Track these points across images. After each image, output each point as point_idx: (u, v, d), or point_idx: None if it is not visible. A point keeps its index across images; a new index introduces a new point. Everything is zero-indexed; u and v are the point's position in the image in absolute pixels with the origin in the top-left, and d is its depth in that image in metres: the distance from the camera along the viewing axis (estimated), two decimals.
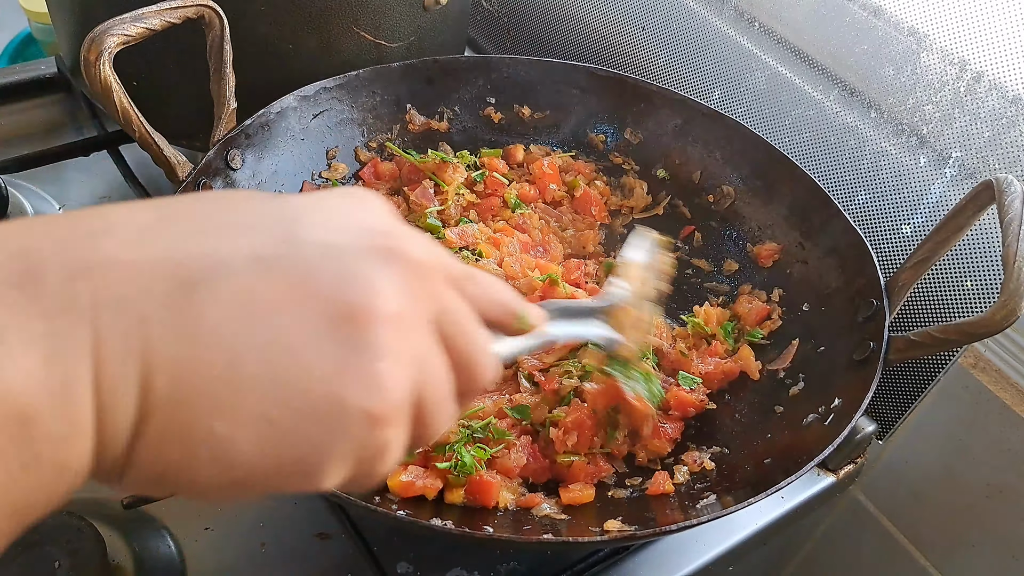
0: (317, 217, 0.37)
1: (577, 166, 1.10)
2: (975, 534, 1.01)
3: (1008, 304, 0.68)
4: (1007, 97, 0.88)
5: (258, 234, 0.35)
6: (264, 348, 0.33)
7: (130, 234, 0.32)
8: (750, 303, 0.96)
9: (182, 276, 0.32)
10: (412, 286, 0.37)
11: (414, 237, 0.39)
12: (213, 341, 0.32)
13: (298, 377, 0.34)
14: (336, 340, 0.34)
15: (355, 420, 0.35)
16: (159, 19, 0.78)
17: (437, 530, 0.67)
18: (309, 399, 0.34)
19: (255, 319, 0.33)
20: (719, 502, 0.73)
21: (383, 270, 0.36)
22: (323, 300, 0.34)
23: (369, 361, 0.35)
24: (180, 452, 0.33)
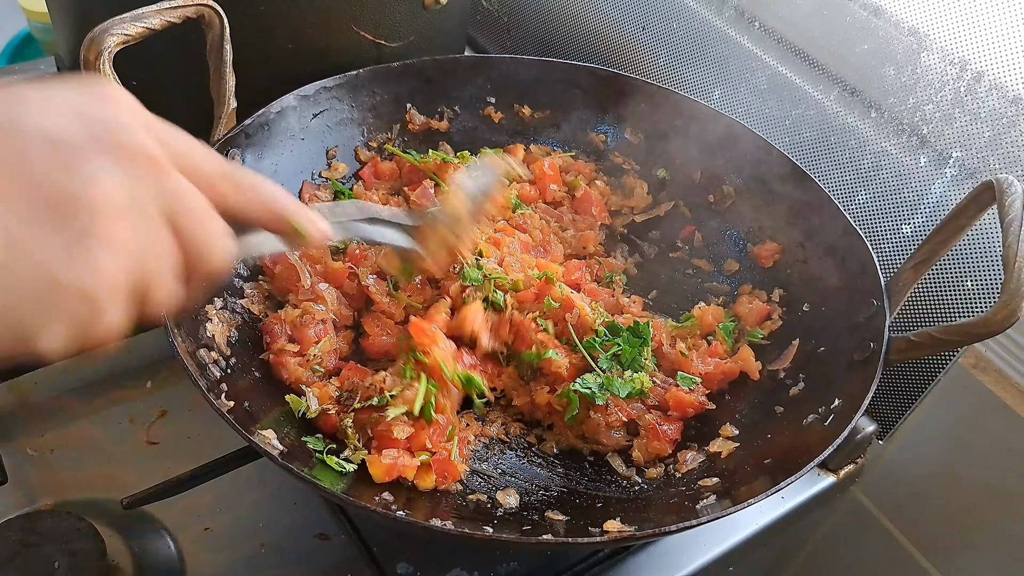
0: (42, 109, 0.40)
1: (577, 166, 1.10)
2: (976, 534, 1.01)
3: (1009, 305, 0.68)
4: (1007, 97, 0.88)
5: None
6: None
7: None
8: (750, 303, 0.96)
9: None
10: (133, 176, 0.41)
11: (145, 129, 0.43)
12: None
13: (15, 261, 0.38)
14: (53, 227, 0.38)
15: (73, 296, 0.40)
16: (159, 19, 0.78)
17: (436, 531, 0.67)
18: (27, 280, 0.38)
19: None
20: (719, 503, 0.73)
21: (101, 161, 0.40)
22: (37, 187, 0.38)
23: (85, 247, 0.39)
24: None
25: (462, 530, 0.69)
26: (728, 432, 0.85)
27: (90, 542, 0.75)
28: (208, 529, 0.83)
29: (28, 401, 0.92)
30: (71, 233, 0.39)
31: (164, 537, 0.82)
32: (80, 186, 0.39)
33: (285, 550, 0.82)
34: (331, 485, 0.70)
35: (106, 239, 0.40)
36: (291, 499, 0.86)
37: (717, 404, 0.89)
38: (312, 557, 0.82)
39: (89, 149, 0.40)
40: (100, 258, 0.40)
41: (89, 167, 0.40)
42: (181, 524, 0.83)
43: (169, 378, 0.94)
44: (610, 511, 0.75)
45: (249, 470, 0.80)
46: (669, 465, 0.83)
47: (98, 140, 0.40)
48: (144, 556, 0.80)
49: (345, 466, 0.75)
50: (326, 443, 0.78)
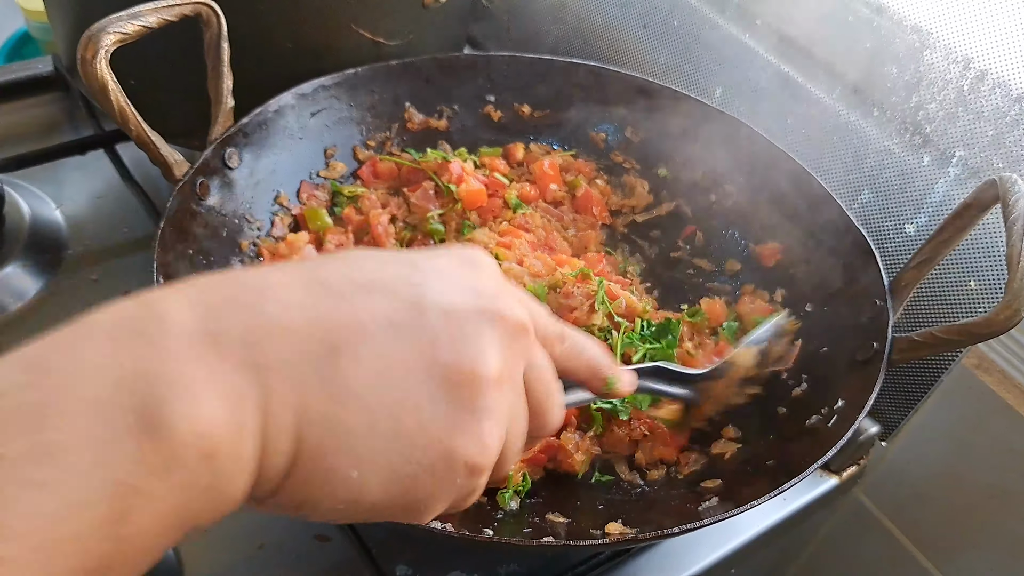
0: (438, 282, 0.43)
1: (578, 165, 1.10)
2: (979, 536, 1.00)
3: (1012, 304, 0.68)
4: (1011, 95, 0.88)
5: (390, 299, 0.41)
6: (394, 407, 0.40)
7: (288, 300, 0.39)
8: (752, 303, 0.95)
9: (330, 342, 0.39)
10: (510, 345, 0.44)
11: (514, 296, 0.47)
12: (354, 401, 0.39)
13: (420, 434, 0.41)
14: (450, 402, 0.41)
15: (461, 471, 0.42)
16: (156, 17, 0.77)
17: (437, 533, 0.67)
18: (427, 453, 0.41)
19: (388, 382, 0.40)
20: (721, 504, 0.72)
21: (488, 334, 0.43)
22: (441, 366, 0.41)
23: (477, 421, 0.42)
24: (320, 490, 0.40)
25: (462, 532, 0.69)
26: (730, 433, 0.84)
27: None
28: (206, 530, 0.82)
29: None
30: (463, 407, 0.42)
31: None
32: (472, 360, 0.42)
33: (284, 551, 0.82)
34: None
35: (490, 410, 0.43)
36: None
37: None
38: (311, 558, 0.81)
39: (477, 322, 0.43)
40: (487, 430, 0.43)
41: (479, 340, 0.43)
42: None
43: None
44: (611, 513, 0.75)
45: None
46: (671, 467, 0.82)
47: (482, 312, 0.43)
48: None
49: None
50: None
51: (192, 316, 0.37)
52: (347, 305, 0.40)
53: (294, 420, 0.38)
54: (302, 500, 0.41)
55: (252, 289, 0.39)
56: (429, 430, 0.41)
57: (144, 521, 0.34)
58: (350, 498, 0.40)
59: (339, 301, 0.40)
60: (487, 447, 0.43)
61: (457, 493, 0.44)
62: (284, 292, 0.39)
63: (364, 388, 0.39)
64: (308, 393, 0.38)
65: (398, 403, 0.40)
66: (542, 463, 0.79)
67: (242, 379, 0.36)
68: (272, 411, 0.37)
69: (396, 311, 0.41)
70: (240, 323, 0.37)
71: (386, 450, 0.40)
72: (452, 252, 0.47)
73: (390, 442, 0.40)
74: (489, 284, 0.45)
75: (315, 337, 0.39)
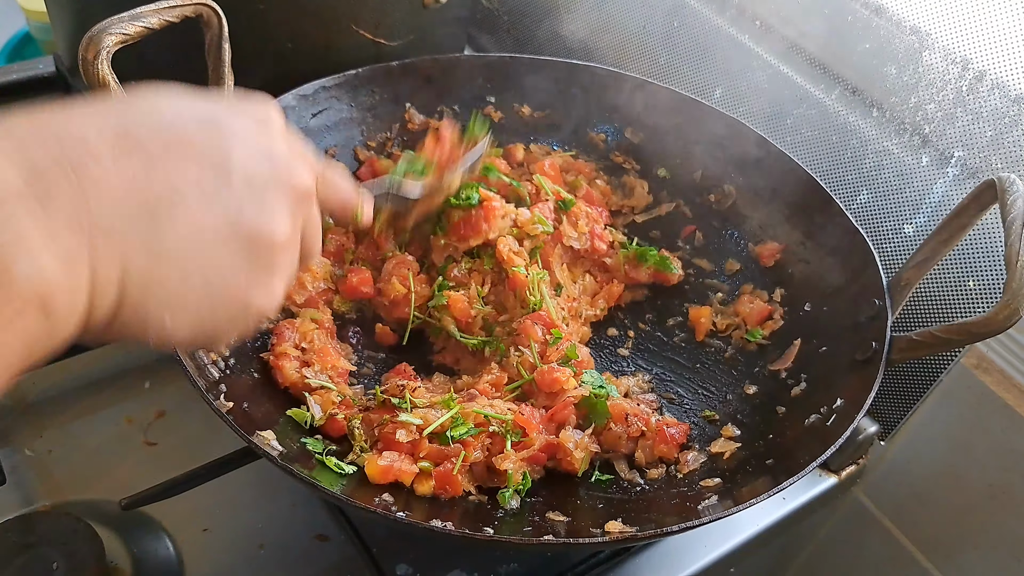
0: (240, 148, 0.49)
1: (577, 165, 1.10)
2: (978, 535, 1.00)
3: (1011, 304, 0.68)
4: (1009, 96, 0.88)
5: (199, 164, 0.47)
6: (204, 266, 0.47)
7: (107, 159, 0.43)
8: (751, 303, 0.96)
9: (150, 206, 0.44)
10: (297, 209, 0.52)
11: (300, 158, 0.54)
12: (171, 260, 0.45)
13: (223, 289, 0.48)
14: (249, 262, 0.49)
15: (253, 315, 0.52)
16: (157, 18, 0.77)
17: (437, 532, 0.67)
18: (228, 304, 0.49)
19: (200, 245, 0.46)
20: (721, 503, 0.73)
21: (282, 202, 0.51)
22: (244, 232, 0.48)
23: (269, 278, 0.51)
24: (139, 329, 0.46)
25: (463, 531, 0.69)
26: (730, 432, 0.84)
27: (88, 543, 0.74)
28: (207, 530, 0.83)
29: (26, 402, 0.92)
30: (260, 265, 0.50)
31: (163, 538, 0.81)
32: (269, 227, 0.50)
33: (284, 551, 0.82)
34: (330, 486, 0.69)
35: (281, 268, 0.51)
36: (290, 500, 0.85)
37: (719, 405, 0.88)
38: (311, 558, 0.81)
39: (274, 190, 0.50)
40: (276, 284, 0.52)
41: (275, 208, 0.50)
42: (180, 525, 0.82)
43: (167, 378, 0.94)
44: (611, 512, 0.75)
45: (248, 471, 0.80)
46: (670, 465, 0.82)
47: (278, 181, 0.50)
48: (143, 557, 0.79)
49: (345, 468, 0.75)
50: (326, 444, 0.77)
51: (18, 176, 0.39)
52: (161, 169, 0.45)
53: (118, 275, 0.43)
54: (124, 335, 0.47)
55: (72, 145, 0.42)
56: (231, 286, 0.49)
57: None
58: (162, 337, 0.48)
59: (153, 163, 0.45)
60: (275, 296, 0.52)
61: (244, 328, 0.53)
62: (102, 148, 0.43)
63: (179, 249, 0.46)
64: (131, 252, 0.44)
65: (208, 263, 0.47)
66: (542, 462, 0.79)
67: (73, 239, 0.41)
68: (99, 268, 0.42)
69: (206, 178, 0.47)
70: (66, 183, 0.41)
71: (196, 302, 0.47)
72: (247, 111, 0.52)
73: (199, 295, 0.47)
74: (281, 147, 0.52)
75: (135, 200, 0.44)
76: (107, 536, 0.77)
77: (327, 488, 0.68)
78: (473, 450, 0.76)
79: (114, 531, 0.80)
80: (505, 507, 0.75)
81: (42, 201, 0.40)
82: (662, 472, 0.82)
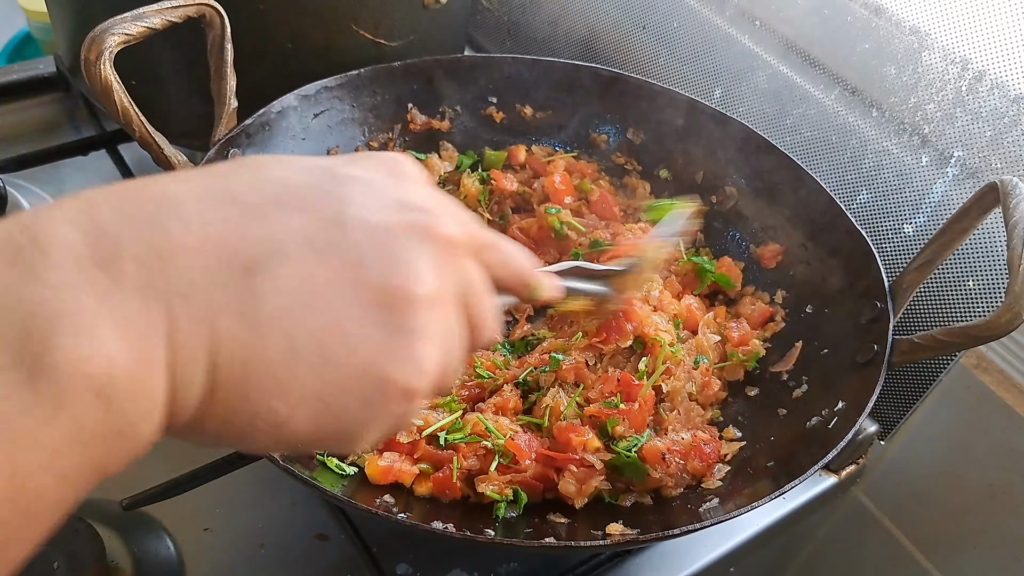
0: (360, 196, 0.39)
1: (580, 167, 1.10)
2: (977, 535, 1.00)
3: (1013, 308, 0.68)
4: (1009, 96, 0.88)
5: (308, 215, 0.37)
6: (318, 333, 0.36)
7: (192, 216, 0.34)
8: (753, 304, 0.96)
9: (243, 261, 0.35)
10: (443, 264, 0.40)
11: (445, 209, 0.42)
12: (273, 327, 0.35)
13: (349, 361, 0.37)
14: (381, 324, 0.37)
15: (396, 396, 0.39)
16: (160, 18, 0.77)
17: (439, 533, 0.67)
18: (359, 381, 0.37)
19: (310, 305, 0.36)
20: (722, 506, 0.73)
21: (420, 251, 0.39)
22: (369, 286, 0.37)
23: (410, 344, 0.38)
24: (241, 424, 0.36)
25: (464, 533, 0.69)
26: (731, 434, 0.84)
27: (89, 543, 0.74)
28: (208, 530, 0.83)
29: None
30: (395, 329, 0.38)
31: (164, 538, 0.82)
32: (402, 281, 0.38)
33: (285, 550, 0.82)
34: (331, 487, 0.70)
35: (425, 331, 0.39)
36: (291, 500, 0.86)
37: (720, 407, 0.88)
38: (312, 557, 0.82)
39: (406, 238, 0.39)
40: (423, 352, 0.39)
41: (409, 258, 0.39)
42: (181, 525, 0.82)
43: None
44: (612, 514, 0.75)
45: (249, 471, 0.80)
46: (699, 483, 0.81)
47: (411, 228, 0.39)
48: (143, 557, 0.79)
49: (345, 468, 0.75)
50: None
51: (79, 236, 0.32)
52: (259, 222, 0.36)
53: (206, 350, 0.34)
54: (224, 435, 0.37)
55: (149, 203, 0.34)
56: (359, 356, 0.37)
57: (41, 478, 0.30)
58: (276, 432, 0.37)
59: (250, 217, 0.36)
60: (423, 370, 0.39)
61: (393, 420, 0.40)
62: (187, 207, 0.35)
63: (284, 313, 0.35)
64: (220, 320, 0.34)
65: (322, 328, 0.36)
66: (537, 491, 0.77)
67: (141, 306, 0.32)
68: (179, 341, 0.33)
69: (315, 228, 0.37)
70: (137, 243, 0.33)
71: (312, 380, 0.36)
72: (373, 157, 0.43)
73: (316, 371, 0.36)
74: (416, 195, 0.41)
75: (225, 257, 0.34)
76: (108, 536, 0.77)
77: (328, 489, 0.68)
78: (466, 458, 0.76)
79: (115, 531, 0.80)
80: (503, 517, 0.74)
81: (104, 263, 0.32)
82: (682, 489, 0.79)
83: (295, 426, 0.37)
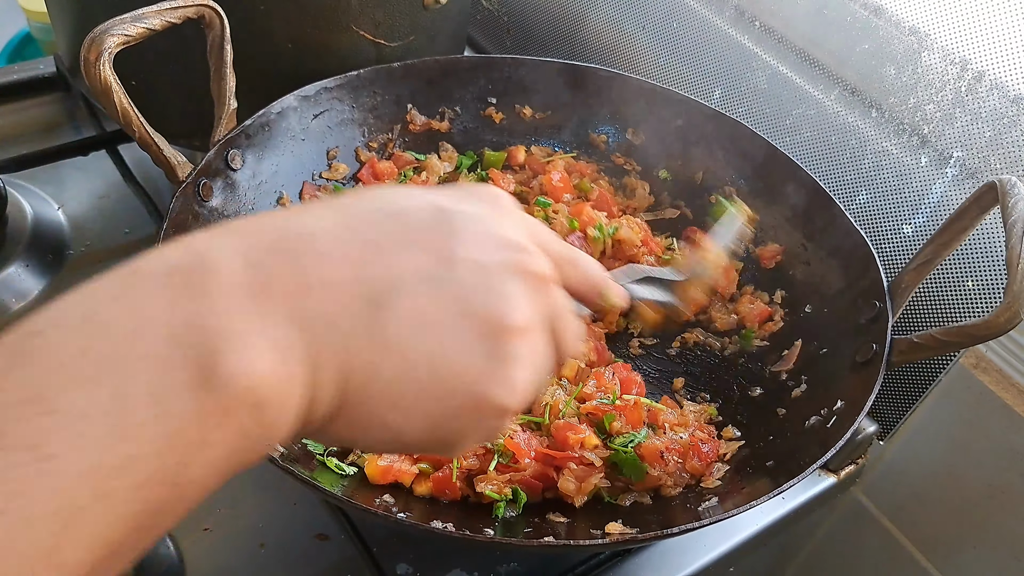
0: (468, 234, 0.45)
1: (579, 167, 1.10)
2: (977, 534, 1.01)
3: (1012, 307, 0.68)
4: (1008, 96, 0.88)
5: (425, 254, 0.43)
6: (430, 356, 0.42)
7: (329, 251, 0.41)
8: (752, 304, 0.96)
9: (371, 296, 0.41)
10: (534, 296, 0.46)
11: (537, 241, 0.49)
12: (394, 351, 0.41)
13: (454, 381, 0.43)
14: (482, 351, 0.43)
15: (491, 413, 0.45)
16: (159, 19, 0.78)
17: (438, 533, 0.67)
18: (461, 398, 0.43)
19: (424, 333, 0.42)
20: (721, 505, 0.73)
21: (515, 286, 0.45)
22: (474, 317, 0.43)
23: (507, 369, 0.44)
24: (363, 432, 0.43)
25: (464, 532, 0.69)
26: (730, 434, 0.85)
27: None
28: (208, 529, 0.83)
29: None
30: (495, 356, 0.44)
31: (164, 538, 0.82)
32: (501, 311, 0.44)
33: (285, 550, 0.82)
34: (331, 487, 0.70)
35: (519, 357, 0.45)
36: (291, 499, 0.86)
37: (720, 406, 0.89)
38: (312, 557, 0.82)
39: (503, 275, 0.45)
40: (517, 376, 0.45)
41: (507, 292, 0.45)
42: (181, 525, 0.82)
43: None
44: (611, 513, 0.75)
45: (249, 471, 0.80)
46: (698, 482, 0.81)
47: (509, 266, 0.46)
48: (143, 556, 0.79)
49: (345, 468, 0.75)
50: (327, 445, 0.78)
51: (240, 266, 0.38)
52: (384, 259, 0.42)
53: (338, 369, 0.40)
54: (346, 439, 0.44)
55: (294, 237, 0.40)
56: (463, 377, 0.43)
57: (199, 468, 0.36)
58: (390, 438, 0.43)
59: (376, 255, 0.42)
60: (516, 391, 0.45)
61: (487, 431, 0.47)
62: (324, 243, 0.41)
63: (403, 339, 0.41)
64: (351, 345, 0.40)
65: (434, 352, 0.42)
66: (537, 490, 0.77)
67: (290, 331, 0.38)
68: (318, 362, 0.39)
69: (430, 265, 0.43)
70: (286, 275, 0.39)
71: (424, 396, 0.43)
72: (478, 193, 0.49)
73: (427, 389, 0.42)
74: (514, 234, 0.47)
75: (357, 292, 0.40)
76: None
77: (328, 489, 0.68)
78: (465, 457, 0.76)
79: None
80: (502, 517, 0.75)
81: (260, 292, 0.38)
82: (681, 488, 0.79)
83: (406, 434, 0.43)
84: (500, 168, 1.09)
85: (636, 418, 0.80)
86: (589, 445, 0.78)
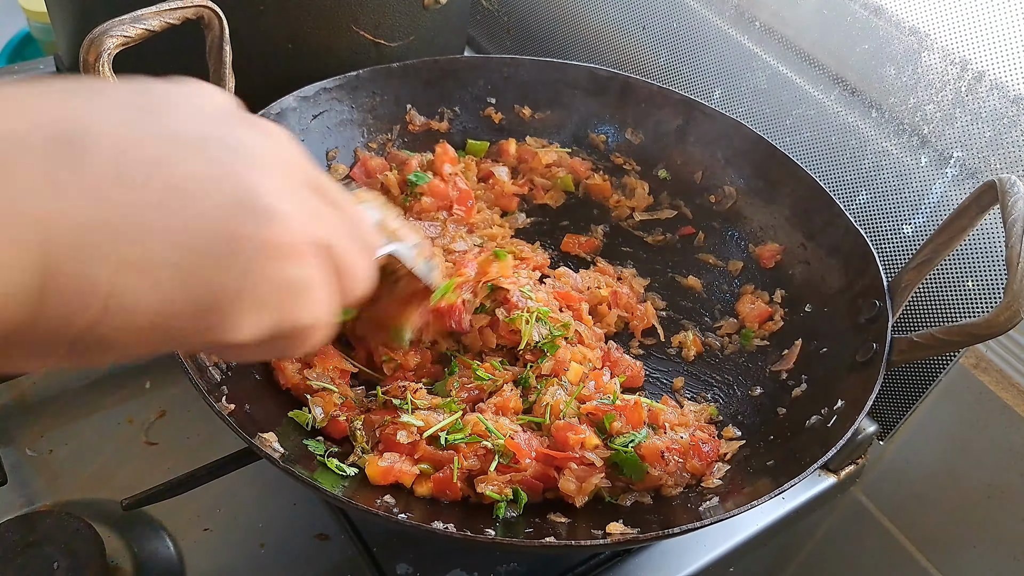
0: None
1: (572, 163, 1.10)
2: (976, 534, 1.01)
3: (1012, 306, 0.68)
4: (1008, 97, 0.88)
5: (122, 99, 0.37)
6: (158, 194, 0.33)
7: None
8: (752, 303, 0.96)
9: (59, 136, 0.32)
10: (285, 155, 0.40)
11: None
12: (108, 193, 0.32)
13: (193, 219, 0.34)
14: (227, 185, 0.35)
15: (252, 252, 0.35)
16: (158, 20, 0.77)
17: (439, 533, 0.67)
18: (206, 238, 0.34)
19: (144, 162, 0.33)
20: (722, 504, 0.73)
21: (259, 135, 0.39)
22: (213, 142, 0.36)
23: (257, 197, 0.35)
24: (83, 307, 0.32)
25: (464, 533, 0.69)
26: (731, 433, 0.85)
27: (89, 543, 0.75)
28: (208, 529, 0.83)
29: (27, 401, 0.92)
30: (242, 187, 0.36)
31: (164, 538, 0.82)
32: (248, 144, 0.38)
33: (285, 550, 0.82)
34: (331, 488, 0.70)
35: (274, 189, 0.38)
36: (291, 499, 0.86)
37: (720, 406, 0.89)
38: (312, 557, 0.82)
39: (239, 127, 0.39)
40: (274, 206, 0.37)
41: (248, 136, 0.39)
42: (181, 525, 0.82)
43: (169, 378, 0.94)
44: (612, 513, 0.75)
45: (249, 470, 0.80)
46: (699, 481, 0.80)
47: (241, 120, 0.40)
48: (144, 557, 0.80)
49: (346, 469, 0.75)
50: (327, 446, 0.78)
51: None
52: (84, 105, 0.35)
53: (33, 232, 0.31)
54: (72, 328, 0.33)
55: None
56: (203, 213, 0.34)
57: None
58: (123, 308, 0.32)
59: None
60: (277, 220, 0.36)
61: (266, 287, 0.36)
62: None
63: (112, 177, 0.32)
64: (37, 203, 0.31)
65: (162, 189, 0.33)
66: (537, 491, 0.77)
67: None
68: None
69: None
70: None
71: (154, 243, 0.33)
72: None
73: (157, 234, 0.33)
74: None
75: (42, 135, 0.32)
76: (108, 536, 0.78)
77: (328, 490, 0.68)
78: (466, 458, 0.76)
79: (115, 531, 0.80)
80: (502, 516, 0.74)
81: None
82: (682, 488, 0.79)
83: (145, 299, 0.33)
84: (482, 156, 1.09)
85: (636, 418, 0.80)
86: (589, 445, 0.77)
